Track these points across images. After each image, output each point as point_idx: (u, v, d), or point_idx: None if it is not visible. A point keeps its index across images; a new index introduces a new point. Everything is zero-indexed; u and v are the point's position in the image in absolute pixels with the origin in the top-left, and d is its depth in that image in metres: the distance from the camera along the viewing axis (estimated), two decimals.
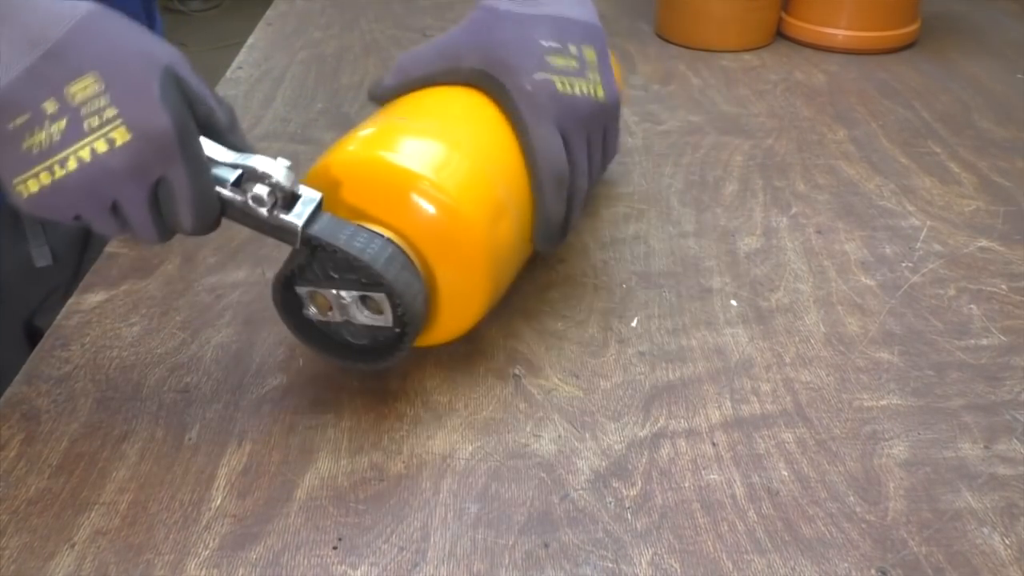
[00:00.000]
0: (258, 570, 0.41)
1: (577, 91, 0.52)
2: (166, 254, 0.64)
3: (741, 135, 0.82)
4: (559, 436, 0.49)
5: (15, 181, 0.39)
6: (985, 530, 0.43)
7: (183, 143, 0.40)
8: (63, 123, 0.38)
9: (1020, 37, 1.06)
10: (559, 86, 0.52)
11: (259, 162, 0.43)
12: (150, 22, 0.72)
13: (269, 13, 1.15)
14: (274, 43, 1.05)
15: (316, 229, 0.44)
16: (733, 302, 0.59)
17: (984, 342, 0.55)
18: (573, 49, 0.53)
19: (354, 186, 0.48)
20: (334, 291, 0.46)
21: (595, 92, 0.53)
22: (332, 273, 0.46)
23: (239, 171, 0.43)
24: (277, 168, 0.43)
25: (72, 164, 0.38)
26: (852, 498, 0.45)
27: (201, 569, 0.41)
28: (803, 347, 0.55)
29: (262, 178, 0.43)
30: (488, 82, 0.53)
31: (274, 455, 0.47)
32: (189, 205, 0.41)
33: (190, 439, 0.48)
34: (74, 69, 0.38)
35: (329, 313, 0.47)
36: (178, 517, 0.44)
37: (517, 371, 0.53)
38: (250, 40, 1.06)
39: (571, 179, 0.52)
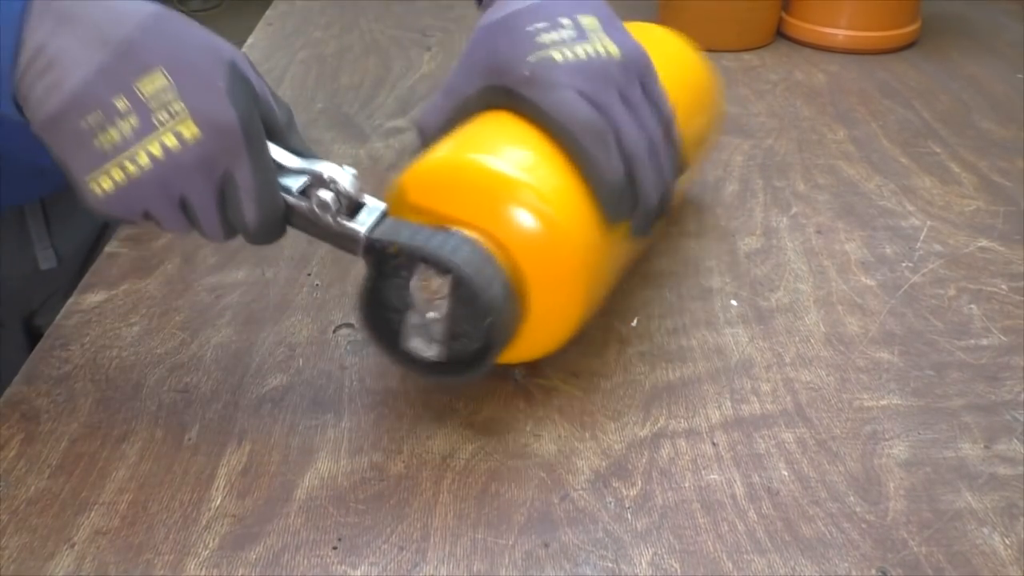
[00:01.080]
0: (258, 570, 0.41)
1: (581, 53, 0.47)
2: (166, 254, 0.64)
3: (741, 135, 0.82)
4: (559, 436, 0.49)
5: (88, 179, 0.39)
6: (985, 530, 0.43)
7: (248, 137, 0.40)
8: (134, 119, 0.38)
9: (1020, 37, 1.06)
10: (557, 57, 0.47)
11: (325, 168, 0.43)
12: None
13: (269, 13, 1.15)
14: (274, 43, 1.05)
15: (378, 232, 0.44)
16: (733, 302, 0.59)
17: (984, 342, 0.55)
18: (565, 21, 0.48)
19: (444, 192, 0.46)
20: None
21: (605, 50, 0.48)
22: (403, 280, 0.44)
23: (305, 177, 0.43)
24: (343, 175, 0.43)
25: (143, 159, 0.39)
26: (852, 498, 0.45)
27: (201, 569, 0.41)
28: (803, 347, 0.55)
29: (327, 184, 0.43)
30: (495, 94, 0.49)
31: (274, 455, 0.47)
32: (253, 201, 0.41)
33: (190, 439, 0.48)
34: (143, 65, 0.38)
35: (431, 313, 0.44)
36: (178, 517, 0.44)
37: (517, 371, 0.53)
38: (250, 40, 1.06)
39: (620, 137, 0.47)
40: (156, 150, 0.39)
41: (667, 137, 0.50)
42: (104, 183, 0.39)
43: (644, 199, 0.48)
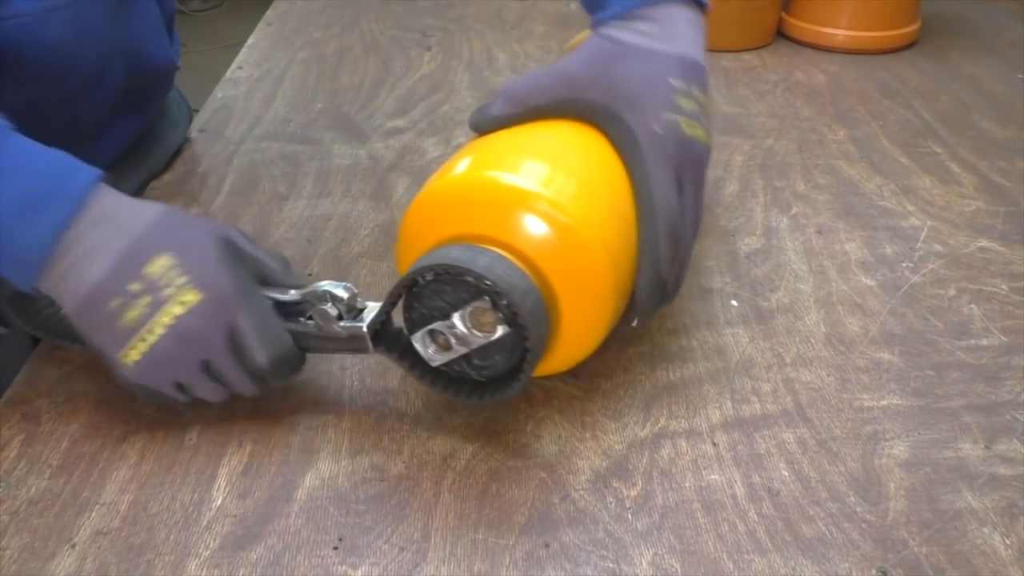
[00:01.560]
0: (258, 570, 0.41)
1: (700, 134, 0.49)
2: None
3: (741, 135, 0.82)
4: (559, 436, 0.49)
5: (119, 356, 0.46)
6: (985, 530, 0.43)
7: (241, 291, 0.46)
8: (148, 298, 0.44)
9: (1020, 37, 1.06)
10: (686, 129, 0.48)
11: (319, 286, 0.46)
12: (169, 36, 0.73)
13: (269, 13, 1.15)
14: (274, 43, 1.05)
15: (414, 266, 0.44)
16: (733, 302, 0.59)
17: (984, 342, 0.55)
18: (696, 92, 0.50)
19: (468, 208, 0.46)
20: (445, 321, 0.44)
21: (707, 137, 0.50)
22: (439, 302, 0.44)
23: (304, 301, 0.47)
24: (336, 286, 0.46)
25: (159, 329, 0.45)
26: (852, 498, 0.45)
27: (202, 569, 0.41)
28: (803, 347, 0.55)
29: (324, 298, 0.46)
30: (610, 119, 0.49)
31: (274, 455, 0.47)
32: (259, 341, 0.46)
33: (190, 439, 0.48)
34: (151, 252, 0.45)
35: (450, 351, 0.45)
36: (179, 517, 0.44)
37: None
38: (250, 40, 1.06)
39: (681, 231, 0.49)
40: (168, 319, 0.45)
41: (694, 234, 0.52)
42: (132, 356, 0.45)
43: (671, 292, 0.50)
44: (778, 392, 0.51)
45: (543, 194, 0.45)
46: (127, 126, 0.71)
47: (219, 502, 0.45)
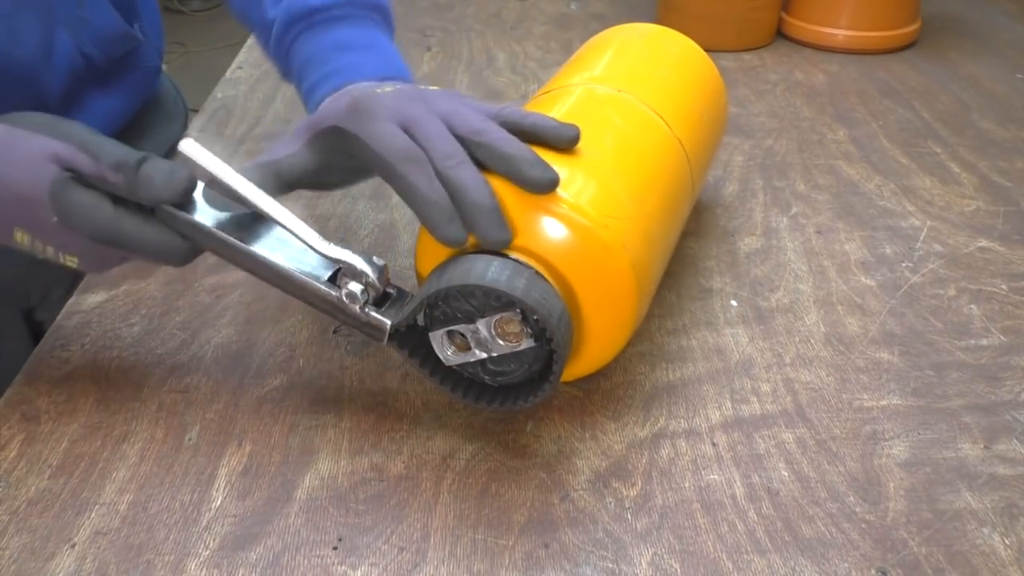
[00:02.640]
0: (258, 570, 0.41)
1: (388, 88, 0.50)
2: None
3: (741, 135, 0.82)
4: (559, 436, 0.49)
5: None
6: (985, 530, 0.43)
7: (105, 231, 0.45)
8: (39, 248, 0.46)
9: (1020, 37, 1.06)
10: (379, 90, 0.49)
11: (355, 260, 0.44)
12: (129, 8, 0.73)
13: None
14: None
15: (442, 282, 0.43)
16: (733, 302, 0.59)
17: (984, 342, 0.55)
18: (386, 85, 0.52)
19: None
20: (469, 325, 0.43)
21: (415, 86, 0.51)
22: (466, 305, 0.44)
23: (336, 267, 0.45)
24: (372, 268, 0.44)
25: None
26: (852, 498, 0.45)
27: (201, 569, 0.41)
28: (803, 347, 0.55)
29: (358, 276, 0.44)
30: (322, 139, 0.49)
31: (274, 455, 0.47)
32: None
33: (190, 439, 0.48)
34: (6, 230, 0.46)
35: (468, 352, 0.44)
36: (178, 517, 0.44)
37: None
38: (250, 40, 1.06)
39: (434, 154, 0.45)
40: (69, 264, 0.47)
41: (499, 128, 0.47)
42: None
43: (469, 202, 0.44)
44: (778, 392, 0.51)
45: (563, 197, 0.44)
46: (104, 107, 0.71)
47: (219, 502, 0.45)
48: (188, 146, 0.45)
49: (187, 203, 0.46)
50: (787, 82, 0.94)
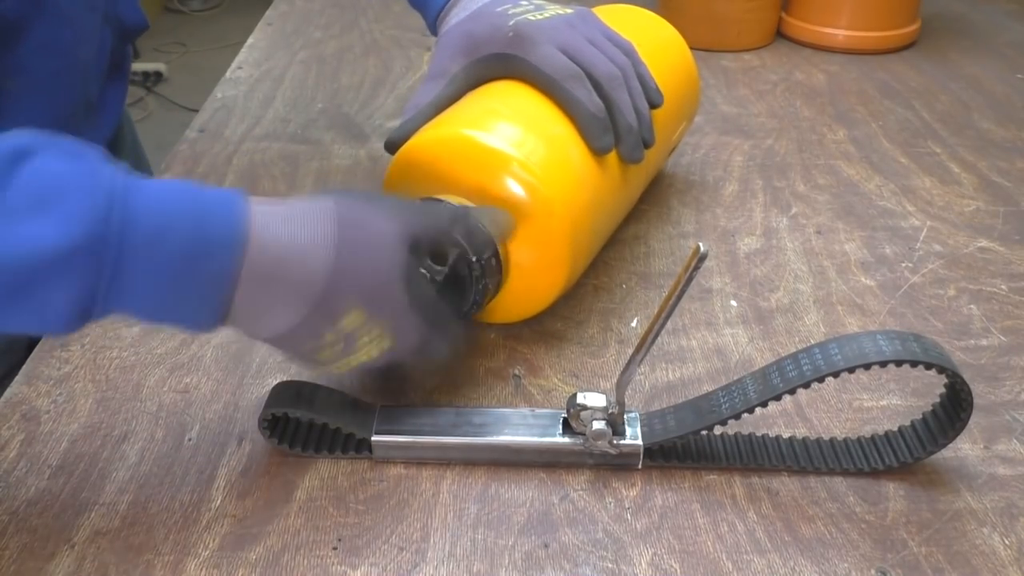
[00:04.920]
0: (258, 570, 0.41)
1: (549, 15, 0.57)
2: None
3: (741, 135, 0.82)
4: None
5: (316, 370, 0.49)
6: (985, 530, 0.43)
7: (433, 328, 0.46)
8: (341, 345, 0.43)
9: (1020, 37, 1.06)
10: (531, 18, 0.57)
11: (597, 399, 0.45)
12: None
13: (269, 13, 1.15)
14: (274, 43, 1.05)
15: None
16: (733, 302, 0.59)
17: (984, 342, 0.55)
18: (523, 2, 0.59)
19: (435, 165, 0.51)
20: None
21: (562, 10, 0.59)
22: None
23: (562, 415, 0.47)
24: (605, 398, 0.45)
25: (354, 363, 0.44)
26: (852, 498, 0.45)
27: (201, 569, 0.41)
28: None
29: (598, 413, 0.45)
30: (483, 65, 0.57)
31: (274, 455, 0.47)
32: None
33: (190, 439, 0.48)
34: (340, 311, 0.42)
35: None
36: (178, 517, 0.44)
37: (517, 371, 0.53)
38: (250, 40, 1.06)
39: (595, 74, 0.55)
40: (364, 358, 0.44)
41: (635, 67, 0.58)
42: (339, 368, 0.45)
43: (623, 122, 0.55)
44: None
45: (508, 152, 0.50)
46: (114, 98, 0.74)
47: (218, 502, 0.45)
48: None
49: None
50: (787, 82, 0.94)
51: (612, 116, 0.55)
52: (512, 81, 0.56)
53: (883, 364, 0.41)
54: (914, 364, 0.41)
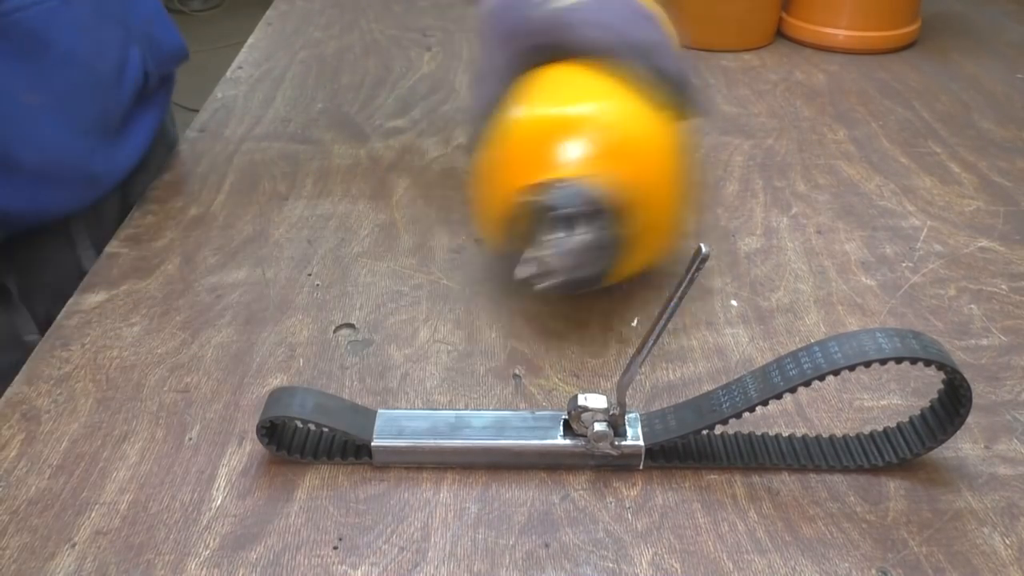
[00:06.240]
0: (258, 570, 0.41)
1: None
2: (166, 254, 0.64)
3: (741, 135, 0.82)
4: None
5: None
6: (985, 530, 0.43)
7: None
8: None
9: (1020, 37, 1.06)
10: (563, 3, 0.57)
11: (599, 400, 0.45)
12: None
13: (269, 13, 1.15)
14: (274, 43, 1.05)
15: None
16: (733, 302, 0.59)
17: (984, 342, 0.55)
18: None
19: (539, 153, 0.52)
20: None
21: None
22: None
23: (561, 417, 0.47)
24: (597, 399, 0.45)
25: None
26: (852, 498, 0.45)
27: (201, 569, 0.41)
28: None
29: (599, 415, 0.45)
30: (528, 57, 0.57)
31: (274, 455, 0.47)
32: None
33: (190, 439, 0.48)
34: None
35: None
36: (178, 517, 0.44)
37: (517, 371, 0.53)
38: (250, 40, 1.06)
39: (646, 46, 0.56)
40: None
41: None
42: None
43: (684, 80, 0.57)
44: None
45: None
46: (145, 124, 0.73)
47: (219, 502, 0.45)
48: None
49: None
50: (787, 82, 0.94)
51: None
52: (570, 64, 0.56)
53: (883, 362, 0.41)
54: (913, 361, 0.41)
